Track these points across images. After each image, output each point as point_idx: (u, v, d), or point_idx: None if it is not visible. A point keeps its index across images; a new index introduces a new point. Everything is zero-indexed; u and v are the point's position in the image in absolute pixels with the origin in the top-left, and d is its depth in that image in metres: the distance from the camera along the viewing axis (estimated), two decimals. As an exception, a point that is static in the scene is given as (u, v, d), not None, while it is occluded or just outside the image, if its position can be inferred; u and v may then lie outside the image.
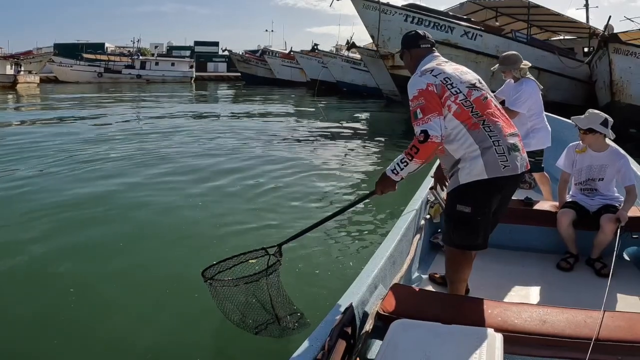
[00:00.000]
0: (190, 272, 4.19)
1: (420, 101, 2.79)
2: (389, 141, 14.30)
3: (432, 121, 2.73)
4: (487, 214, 2.93)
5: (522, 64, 5.07)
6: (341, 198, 7.56)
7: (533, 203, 4.53)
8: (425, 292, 3.00)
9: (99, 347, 3.52)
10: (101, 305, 4.09)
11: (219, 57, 70.47)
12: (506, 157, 2.79)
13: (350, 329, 2.21)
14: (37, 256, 5.07)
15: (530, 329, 2.39)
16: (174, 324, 3.82)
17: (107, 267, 4.85)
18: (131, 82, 48.70)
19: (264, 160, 10.47)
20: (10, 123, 17.09)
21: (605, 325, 2.37)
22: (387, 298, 2.62)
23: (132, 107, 24.58)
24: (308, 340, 2.12)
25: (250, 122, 19.10)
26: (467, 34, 19.59)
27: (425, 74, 2.91)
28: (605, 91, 16.53)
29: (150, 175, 8.78)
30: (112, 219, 6.29)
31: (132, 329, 3.76)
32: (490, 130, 2.81)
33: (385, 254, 3.08)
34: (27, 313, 3.96)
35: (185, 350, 3.52)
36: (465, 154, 2.83)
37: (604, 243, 3.89)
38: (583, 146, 4.26)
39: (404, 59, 3.24)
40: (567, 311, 2.53)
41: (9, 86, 36.88)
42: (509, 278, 3.81)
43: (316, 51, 41.94)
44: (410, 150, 2.78)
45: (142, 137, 13.43)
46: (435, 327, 2.24)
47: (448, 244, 3.09)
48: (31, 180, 8.23)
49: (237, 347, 3.55)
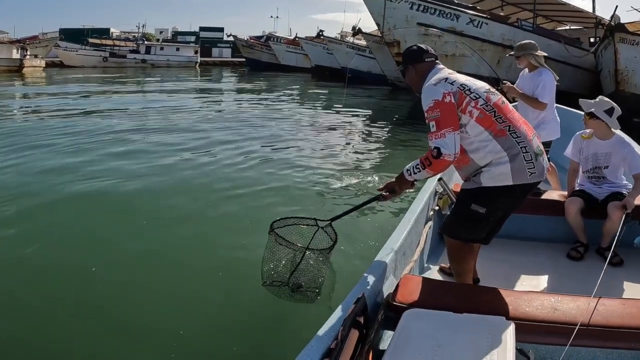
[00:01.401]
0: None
1: (435, 113, 2.69)
2: (396, 128, 14.41)
3: (447, 137, 2.65)
4: (501, 217, 2.94)
5: (538, 51, 4.93)
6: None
7: (541, 193, 4.52)
8: (436, 282, 3.00)
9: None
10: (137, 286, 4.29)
11: (224, 43, 70.28)
12: (533, 163, 2.74)
13: (362, 319, 2.23)
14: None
15: (542, 317, 2.40)
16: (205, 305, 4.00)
17: (138, 248, 5.02)
18: (136, 66, 48.96)
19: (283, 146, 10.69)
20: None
21: (617, 312, 2.38)
22: (399, 288, 2.63)
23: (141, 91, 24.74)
24: (321, 330, 2.14)
25: (255, 107, 19.16)
26: (472, 21, 19.39)
27: (441, 82, 2.80)
28: (610, 80, 16.48)
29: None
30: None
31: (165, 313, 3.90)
32: (517, 137, 2.74)
33: (395, 245, 3.09)
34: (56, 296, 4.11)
35: (204, 329, 3.65)
36: (493, 160, 2.75)
37: (612, 231, 3.85)
38: (589, 132, 4.24)
39: (408, 75, 3.08)
40: (579, 299, 2.54)
41: (15, 70, 37.19)
42: (519, 268, 3.81)
43: (321, 37, 41.73)
44: (424, 160, 2.75)
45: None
46: (446, 316, 2.25)
47: (450, 236, 3.06)
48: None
49: (251, 333, 3.64)
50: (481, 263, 3.53)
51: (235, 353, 3.43)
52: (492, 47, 18.53)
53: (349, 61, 37.48)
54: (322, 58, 43.41)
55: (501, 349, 1.97)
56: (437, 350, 1.99)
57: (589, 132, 4.24)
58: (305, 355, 1.96)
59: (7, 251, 4.92)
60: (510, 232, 4.17)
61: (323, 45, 42.23)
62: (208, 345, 3.51)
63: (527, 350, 2.19)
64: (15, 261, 4.71)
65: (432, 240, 4.03)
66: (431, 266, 3.86)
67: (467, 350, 1.98)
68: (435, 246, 4.13)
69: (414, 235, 3.50)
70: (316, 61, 44.66)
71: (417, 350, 2.00)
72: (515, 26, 19.95)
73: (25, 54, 40.26)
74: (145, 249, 5.01)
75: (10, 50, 38.35)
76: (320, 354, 1.97)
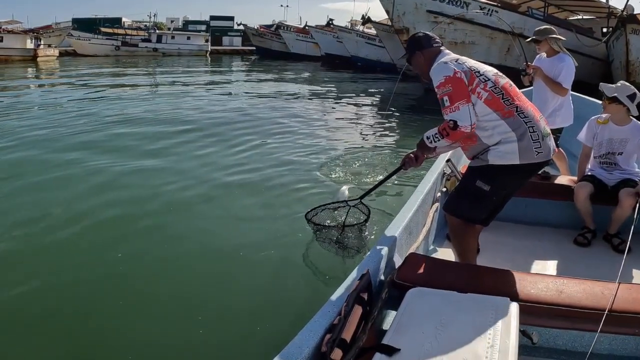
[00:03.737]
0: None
1: (447, 88, 2.72)
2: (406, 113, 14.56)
3: (461, 109, 2.69)
4: (502, 196, 2.95)
5: (556, 35, 4.87)
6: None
7: (551, 177, 4.49)
8: (441, 261, 3.01)
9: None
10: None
11: (234, 32, 70.19)
12: (540, 143, 2.77)
13: (366, 295, 2.23)
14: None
15: (546, 299, 2.39)
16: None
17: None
18: (147, 55, 49.09)
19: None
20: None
21: (622, 297, 2.36)
22: (403, 266, 2.63)
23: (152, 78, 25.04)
24: (325, 306, 2.14)
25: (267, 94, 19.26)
26: (482, 10, 19.21)
27: (451, 61, 2.83)
28: (621, 71, 16.43)
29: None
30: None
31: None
32: (525, 117, 2.78)
33: (401, 224, 3.07)
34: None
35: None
36: (501, 140, 2.78)
37: (622, 218, 3.82)
38: (605, 117, 4.18)
39: (415, 61, 3.07)
40: (584, 282, 2.52)
41: (30, 59, 37.46)
42: (525, 252, 3.79)
43: (331, 26, 41.77)
44: (442, 130, 2.80)
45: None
46: (451, 295, 2.25)
47: (452, 213, 3.07)
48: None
49: (258, 308, 3.76)
50: (487, 246, 3.53)
51: (241, 328, 3.56)
52: (502, 35, 18.30)
53: (360, 50, 37.55)
54: (332, 47, 43.62)
55: (504, 330, 1.96)
56: (440, 329, 1.99)
57: (605, 116, 4.18)
58: (308, 330, 1.96)
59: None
60: (517, 216, 4.16)
61: (333, 33, 42.56)
62: (213, 322, 3.64)
63: (531, 332, 2.18)
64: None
65: (439, 222, 4.02)
66: (437, 247, 3.86)
67: (470, 329, 1.97)
68: (442, 227, 4.11)
69: (420, 215, 3.49)
70: (326, 50, 45.00)
71: (420, 328, 2.00)
72: (526, 15, 19.69)
73: (39, 43, 40.44)
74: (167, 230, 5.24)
75: (25, 40, 38.55)
76: (323, 329, 1.97)
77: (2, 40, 36.62)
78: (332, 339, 1.89)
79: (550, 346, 2.44)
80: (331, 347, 1.85)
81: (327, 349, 1.85)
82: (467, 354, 1.83)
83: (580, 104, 6.19)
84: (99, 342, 3.39)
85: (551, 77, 4.78)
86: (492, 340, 1.90)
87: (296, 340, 1.90)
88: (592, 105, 6.08)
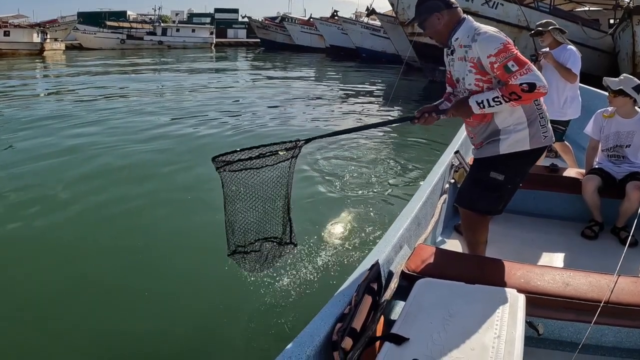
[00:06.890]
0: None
1: (510, 53, 2.56)
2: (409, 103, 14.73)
3: (533, 70, 2.56)
4: (517, 183, 2.92)
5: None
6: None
7: (559, 170, 4.49)
8: (449, 252, 3.02)
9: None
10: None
11: (239, 24, 70.31)
12: (546, 127, 2.80)
13: (376, 285, 2.26)
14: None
15: (552, 291, 2.40)
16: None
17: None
18: (153, 48, 49.31)
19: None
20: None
21: (627, 290, 2.37)
22: (412, 258, 2.65)
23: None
24: (336, 295, 2.17)
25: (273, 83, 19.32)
26: (488, 2, 19.01)
27: (497, 32, 2.69)
28: (627, 63, 16.31)
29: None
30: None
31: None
32: (537, 104, 2.78)
33: (410, 215, 3.08)
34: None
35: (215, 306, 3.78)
36: (512, 125, 2.75)
37: (629, 211, 3.80)
38: (611, 111, 4.18)
39: (432, 24, 2.83)
40: (591, 275, 2.53)
41: (37, 53, 37.62)
42: (531, 244, 3.80)
43: (336, 18, 41.70)
44: (509, 95, 2.59)
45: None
46: (458, 286, 2.26)
47: (469, 208, 3.01)
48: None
49: (265, 296, 3.80)
50: (495, 238, 3.53)
51: (250, 318, 3.62)
52: (508, 28, 18.16)
53: (364, 41, 37.50)
54: (336, 38, 43.59)
55: (511, 321, 1.97)
56: (448, 319, 2.01)
57: (611, 110, 4.17)
58: (320, 319, 1.99)
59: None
60: (525, 208, 4.17)
61: (337, 25, 42.43)
62: (222, 315, 3.69)
63: (537, 324, 2.19)
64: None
65: (447, 213, 4.03)
66: (444, 239, 3.87)
67: (477, 320, 1.98)
68: (450, 219, 4.13)
69: (429, 206, 3.50)
70: (331, 41, 45.03)
71: (428, 318, 2.02)
72: (531, 7, 19.51)
73: (45, 37, 40.57)
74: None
75: (31, 34, 38.69)
76: (334, 318, 2.00)
77: (9, 34, 36.85)
78: (343, 328, 1.91)
79: (556, 338, 2.45)
80: (342, 336, 1.88)
81: (338, 338, 1.87)
82: (474, 344, 1.85)
83: (589, 96, 6.18)
84: (98, 342, 3.45)
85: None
86: (499, 331, 1.91)
87: (308, 329, 1.93)
88: (599, 97, 6.06)
